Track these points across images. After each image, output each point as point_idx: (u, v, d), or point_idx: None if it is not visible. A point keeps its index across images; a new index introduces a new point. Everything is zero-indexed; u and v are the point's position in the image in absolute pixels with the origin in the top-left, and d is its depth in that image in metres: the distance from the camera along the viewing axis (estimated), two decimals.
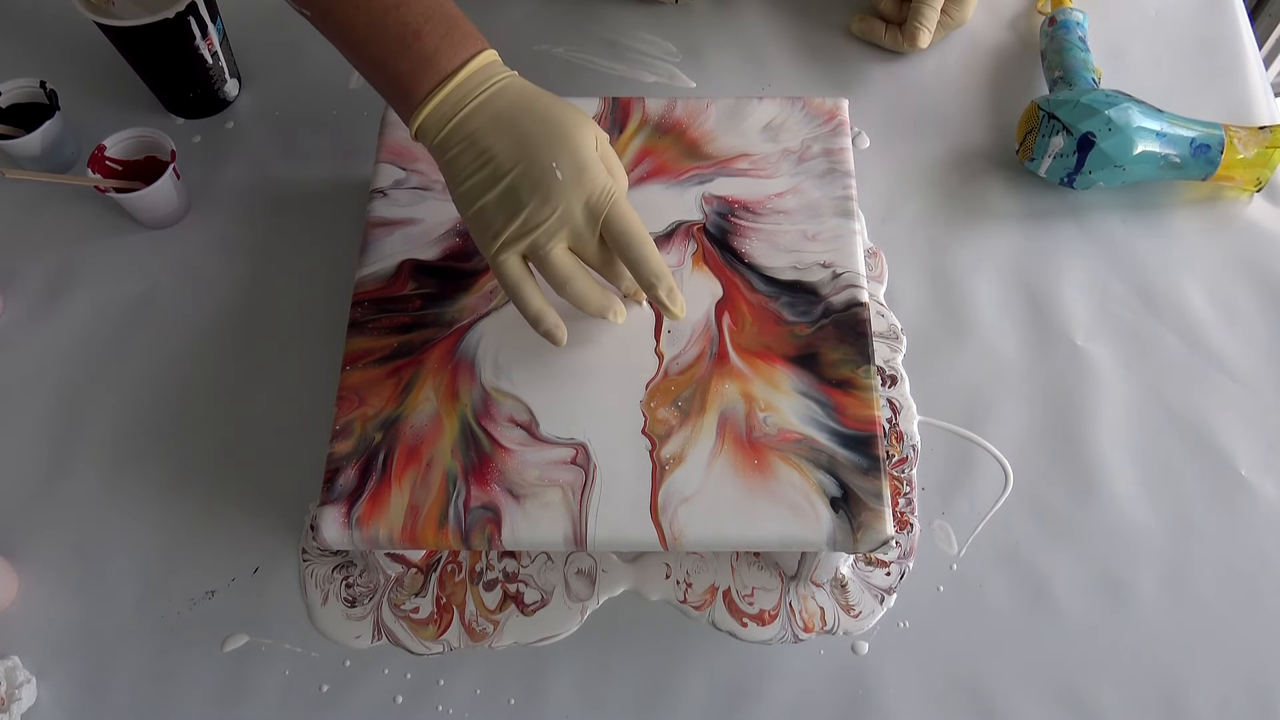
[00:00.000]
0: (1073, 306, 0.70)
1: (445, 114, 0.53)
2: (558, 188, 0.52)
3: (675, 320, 0.57)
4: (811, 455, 0.54)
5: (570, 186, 0.52)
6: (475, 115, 0.53)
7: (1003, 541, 0.62)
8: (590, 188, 0.52)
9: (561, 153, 0.52)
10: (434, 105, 0.53)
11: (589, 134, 0.53)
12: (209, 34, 0.73)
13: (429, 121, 0.53)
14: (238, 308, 0.70)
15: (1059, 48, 0.76)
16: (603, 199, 0.52)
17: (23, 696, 0.57)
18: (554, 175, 0.52)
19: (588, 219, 0.52)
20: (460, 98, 0.53)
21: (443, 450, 0.54)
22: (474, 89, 0.53)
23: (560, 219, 0.52)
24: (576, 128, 0.53)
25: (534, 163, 0.52)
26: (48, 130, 0.72)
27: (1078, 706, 0.58)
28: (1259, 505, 0.63)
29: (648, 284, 0.54)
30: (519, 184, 0.52)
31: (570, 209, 0.52)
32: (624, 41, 0.83)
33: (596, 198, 0.52)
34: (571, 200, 0.52)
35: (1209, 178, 0.71)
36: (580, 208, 0.52)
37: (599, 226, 0.53)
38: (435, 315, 0.59)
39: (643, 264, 0.53)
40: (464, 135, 0.53)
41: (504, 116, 0.53)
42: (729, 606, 0.60)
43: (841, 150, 0.65)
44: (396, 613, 0.60)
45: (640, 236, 0.53)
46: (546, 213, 0.52)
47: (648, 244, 0.53)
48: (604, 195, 0.52)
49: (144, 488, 0.64)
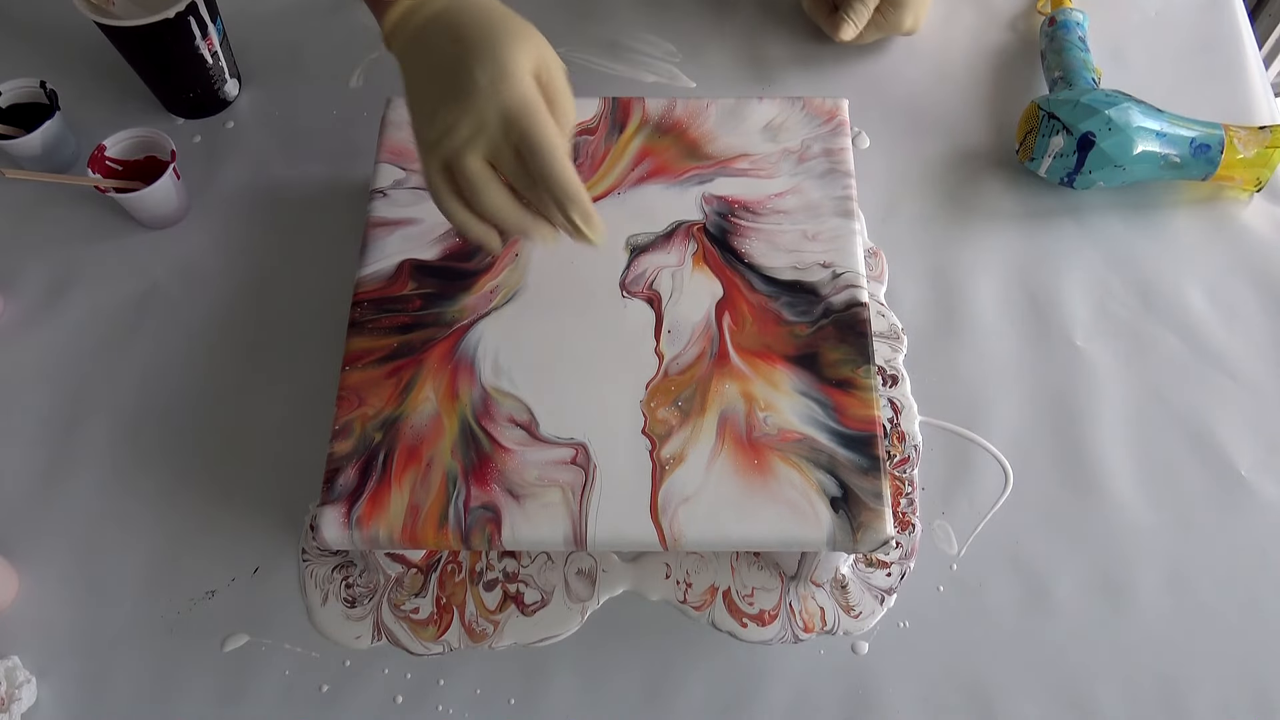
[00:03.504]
0: (1073, 306, 0.70)
1: (405, 18, 0.53)
2: (474, 94, 0.50)
3: (592, 245, 0.53)
4: (811, 455, 0.54)
5: (486, 94, 0.50)
6: (431, 22, 0.52)
7: (1003, 541, 0.62)
8: (507, 97, 0.50)
9: (485, 60, 0.50)
10: (397, 13, 0.53)
11: (523, 47, 0.51)
12: (209, 34, 0.73)
13: (392, 28, 0.53)
14: (238, 308, 0.70)
15: (1059, 48, 0.76)
16: (519, 110, 0.50)
17: (23, 696, 0.57)
18: (472, 81, 0.50)
19: (502, 130, 0.50)
20: (418, 3, 0.53)
21: (443, 450, 0.54)
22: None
23: (473, 126, 0.50)
24: (509, 36, 0.51)
25: (459, 69, 0.50)
26: (48, 130, 0.72)
27: (1077, 706, 0.58)
28: (1259, 505, 0.63)
29: (559, 202, 0.51)
30: (444, 90, 0.51)
31: (484, 117, 0.50)
32: (624, 41, 0.83)
33: (513, 108, 0.50)
34: (486, 108, 0.50)
35: (1209, 178, 0.71)
36: (495, 117, 0.50)
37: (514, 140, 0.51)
38: (435, 315, 0.59)
39: (551, 180, 0.50)
40: (410, 40, 0.53)
41: (450, 21, 0.52)
42: (729, 606, 0.60)
43: (841, 150, 0.65)
44: (396, 613, 0.60)
45: (549, 148, 0.50)
46: (462, 119, 0.50)
47: (558, 158, 0.50)
48: (521, 106, 0.50)
49: (144, 488, 0.64)
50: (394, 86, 0.62)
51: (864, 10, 0.77)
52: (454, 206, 0.53)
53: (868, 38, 0.79)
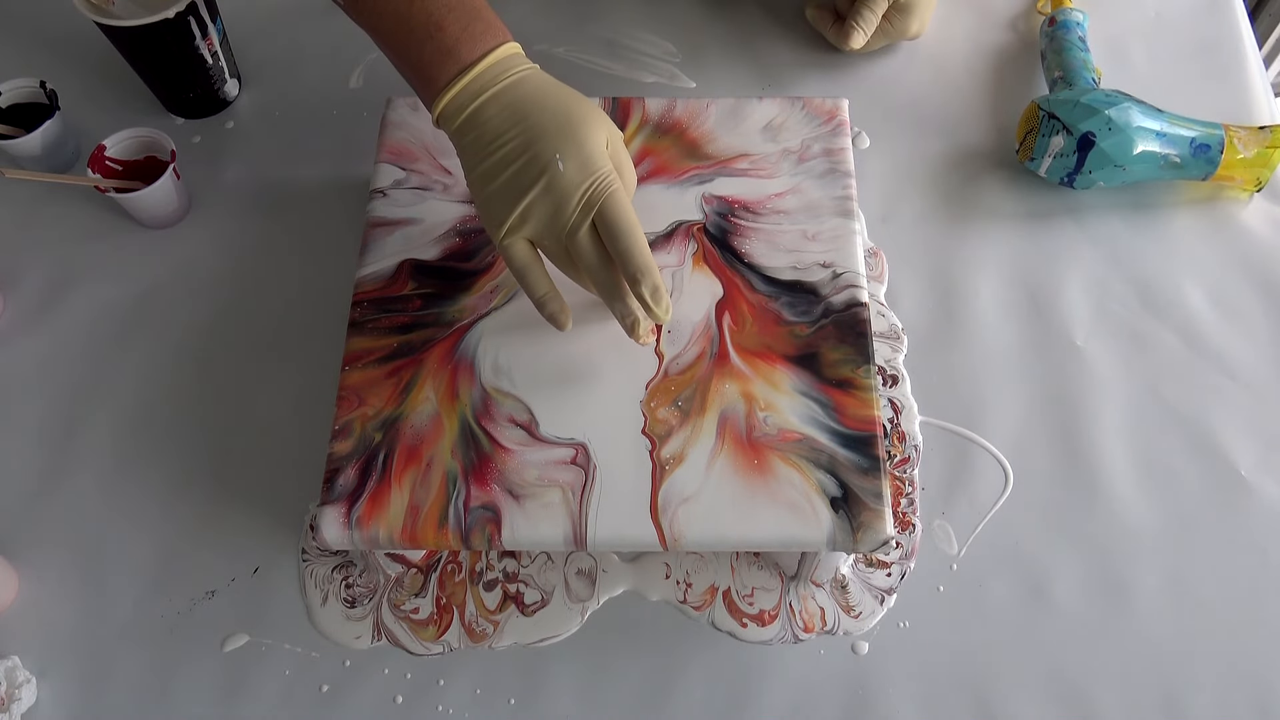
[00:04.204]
0: (1073, 306, 0.70)
1: (463, 103, 0.54)
2: (560, 181, 0.52)
3: (658, 324, 0.57)
4: (811, 455, 0.54)
5: (575, 182, 0.52)
6: (490, 105, 0.54)
7: (1003, 541, 0.62)
8: (593, 184, 0.53)
9: (567, 145, 0.53)
10: (452, 95, 0.54)
11: (598, 129, 0.54)
12: (209, 34, 0.73)
13: (448, 110, 0.55)
14: (238, 308, 0.70)
15: (1059, 48, 0.76)
16: (600, 190, 0.53)
17: (23, 696, 0.57)
18: (556, 166, 0.52)
19: (583, 210, 0.53)
20: (479, 88, 0.54)
21: (443, 450, 0.54)
22: (493, 80, 0.54)
23: (557, 211, 0.53)
24: (585, 122, 0.54)
25: (539, 154, 0.53)
26: (48, 130, 0.72)
27: (1077, 706, 0.58)
28: (1259, 505, 0.63)
29: (632, 279, 0.53)
30: (523, 173, 0.53)
31: (570, 203, 0.53)
32: (624, 41, 0.83)
33: (595, 189, 0.53)
34: (573, 195, 0.53)
35: (1209, 178, 0.71)
36: (580, 202, 0.53)
37: (591, 218, 0.53)
38: (435, 315, 0.59)
39: (629, 257, 0.53)
40: (479, 124, 0.54)
41: (517, 107, 0.54)
42: (729, 607, 0.60)
43: (841, 150, 0.65)
44: (396, 613, 0.60)
45: (629, 230, 0.53)
46: (544, 205, 0.53)
47: (636, 238, 0.53)
48: (601, 186, 0.53)
49: (144, 488, 0.64)
50: (394, 87, 0.62)
51: (872, 18, 0.77)
52: (541, 281, 0.55)
53: (874, 45, 0.79)
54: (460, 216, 0.63)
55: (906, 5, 0.77)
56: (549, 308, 0.56)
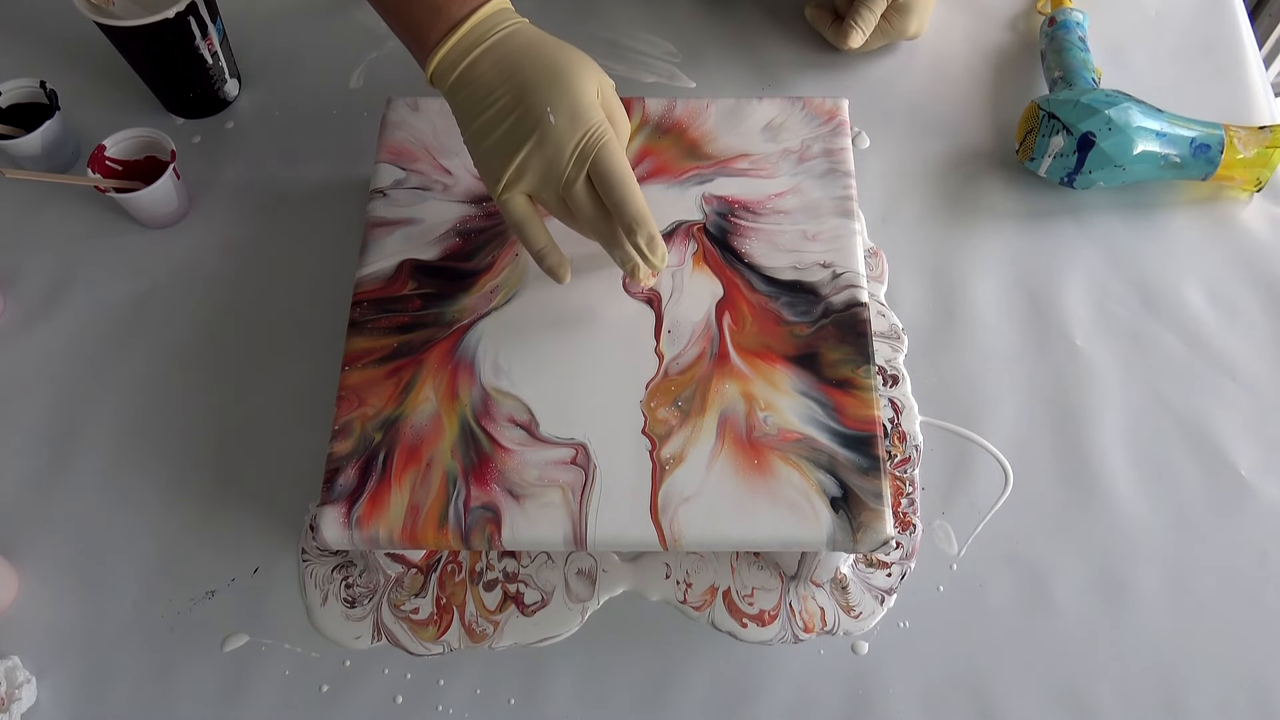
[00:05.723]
0: (1073, 306, 0.70)
1: (454, 60, 0.54)
2: (551, 134, 0.52)
3: (655, 270, 0.56)
4: (812, 455, 0.54)
5: (566, 134, 0.53)
6: (482, 60, 0.54)
7: (1003, 541, 0.62)
8: (585, 134, 0.53)
9: (558, 98, 0.53)
10: (444, 53, 0.54)
11: (588, 79, 0.54)
12: (209, 34, 0.73)
13: (440, 68, 0.55)
14: (238, 308, 0.70)
15: (1059, 48, 0.76)
16: (592, 142, 0.53)
17: (23, 696, 0.57)
18: (548, 120, 0.52)
19: (577, 163, 0.53)
20: (469, 44, 0.54)
21: (443, 450, 0.54)
22: (483, 35, 0.54)
23: (551, 164, 0.53)
24: (575, 72, 0.54)
25: (531, 108, 0.53)
26: (48, 130, 0.72)
27: (1077, 706, 0.58)
28: (1259, 505, 0.63)
29: (628, 228, 0.53)
30: (517, 128, 0.53)
31: (562, 155, 0.53)
32: (624, 41, 0.83)
33: (587, 141, 0.53)
34: (565, 146, 0.53)
35: (1209, 178, 0.71)
36: (573, 153, 0.53)
37: (586, 169, 0.53)
38: (435, 315, 0.59)
39: (624, 206, 0.53)
40: (471, 80, 0.54)
41: (509, 61, 0.54)
42: (729, 607, 0.60)
43: (841, 150, 0.65)
44: (396, 613, 0.60)
45: (623, 179, 0.53)
46: (539, 159, 0.53)
47: (630, 189, 0.53)
48: (594, 138, 0.53)
49: (144, 488, 0.64)
50: (394, 86, 0.62)
51: (870, 18, 0.77)
52: (539, 234, 0.56)
53: (873, 44, 0.79)
54: (460, 216, 0.63)
55: (905, 5, 0.77)
56: (548, 260, 0.56)
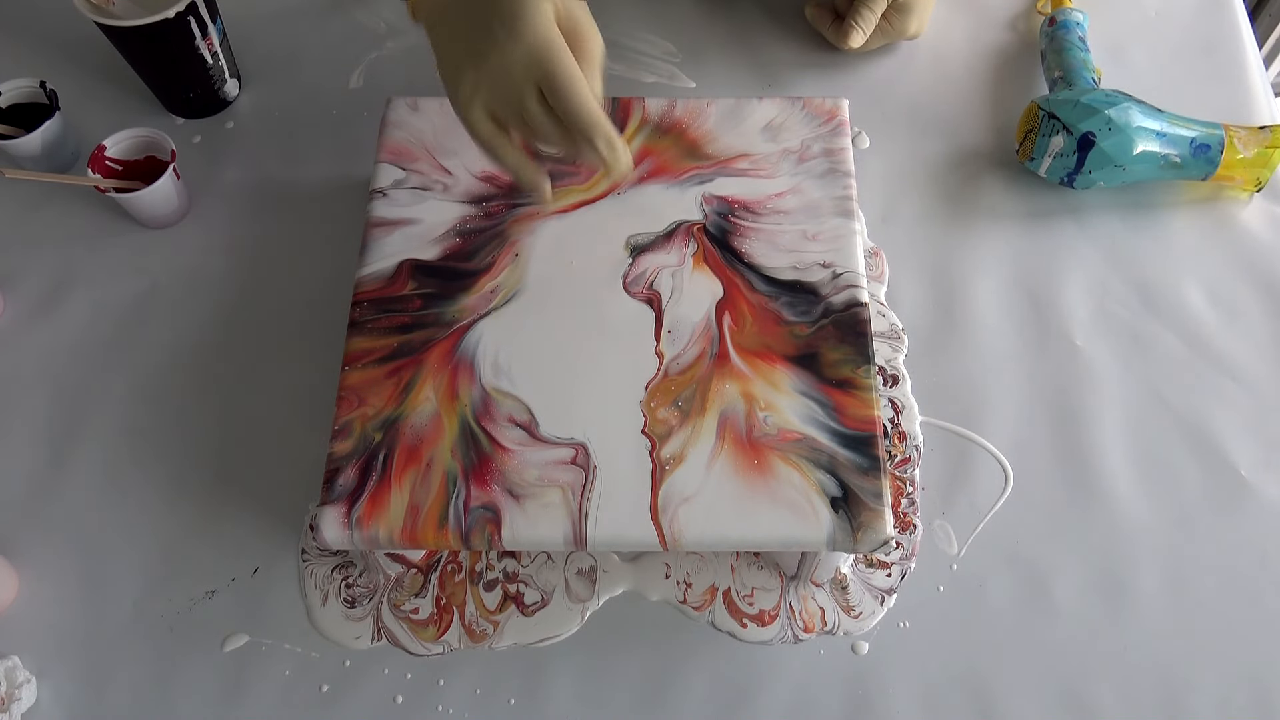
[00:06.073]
0: (1073, 306, 0.70)
1: None
2: (495, 47, 0.52)
3: (620, 176, 0.55)
4: (812, 455, 0.54)
5: (504, 46, 0.52)
6: None
7: (1003, 541, 0.62)
8: (524, 43, 0.52)
9: (501, 12, 0.52)
10: None
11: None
12: (209, 34, 0.73)
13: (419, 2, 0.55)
14: (238, 308, 0.70)
15: (1059, 48, 0.76)
16: (537, 53, 0.52)
17: (23, 696, 0.57)
18: (491, 36, 0.52)
19: (524, 76, 0.52)
20: None
21: (443, 450, 0.54)
22: None
23: (502, 82, 0.53)
24: None
25: (480, 26, 0.53)
26: (48, 130, 0.72)
27: (1077, 706, 0.58)
28: (1259, 505, 0.63)
29: (583, 135, 0.52)
30: (471, 47, 0.53)
31: (509, 69, 0.52)
32: (624, 41, 0.83)
33: (531, 52, 0.52)
34: (509, 59, 0.52)
35: (1209, 178, 0.71)
36: (518, 65, 0.52)
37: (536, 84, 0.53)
38: (435, 315, 0.59)
39: (573, 118, 0.52)
40: (442, 9, 0.54)
41: None
42: (729, 607, 0.60)
43: (841, 150, 0.65)
44: (396, 613, 0.60)
45: (570, 91, 0.52)
46: (486, 74, 0.53)
47: (577, 97, 0.52)
48: (538, 49, 0.52)
49: (144, 488, 0.64)
50: (394, 86, 0.62)
51: (870, 17, 0.77)
52: (509, 152, 0.55)
53: (873, 44, 0.79)
54: (460, 216, 0.63)
55: (905, 5, 0.77)
56: (524, 176, 0.56)
